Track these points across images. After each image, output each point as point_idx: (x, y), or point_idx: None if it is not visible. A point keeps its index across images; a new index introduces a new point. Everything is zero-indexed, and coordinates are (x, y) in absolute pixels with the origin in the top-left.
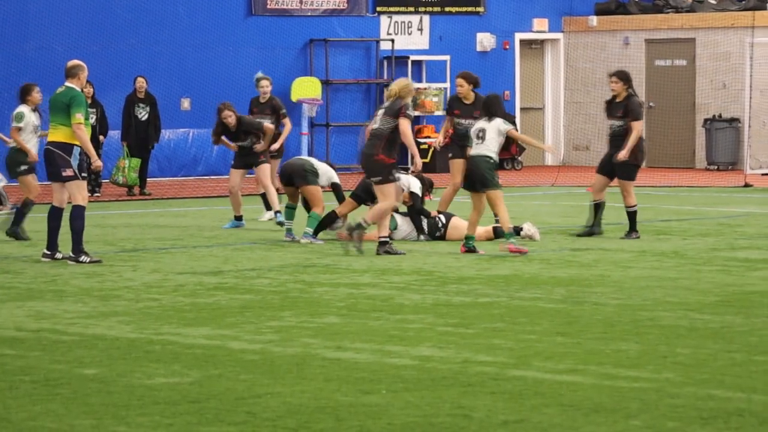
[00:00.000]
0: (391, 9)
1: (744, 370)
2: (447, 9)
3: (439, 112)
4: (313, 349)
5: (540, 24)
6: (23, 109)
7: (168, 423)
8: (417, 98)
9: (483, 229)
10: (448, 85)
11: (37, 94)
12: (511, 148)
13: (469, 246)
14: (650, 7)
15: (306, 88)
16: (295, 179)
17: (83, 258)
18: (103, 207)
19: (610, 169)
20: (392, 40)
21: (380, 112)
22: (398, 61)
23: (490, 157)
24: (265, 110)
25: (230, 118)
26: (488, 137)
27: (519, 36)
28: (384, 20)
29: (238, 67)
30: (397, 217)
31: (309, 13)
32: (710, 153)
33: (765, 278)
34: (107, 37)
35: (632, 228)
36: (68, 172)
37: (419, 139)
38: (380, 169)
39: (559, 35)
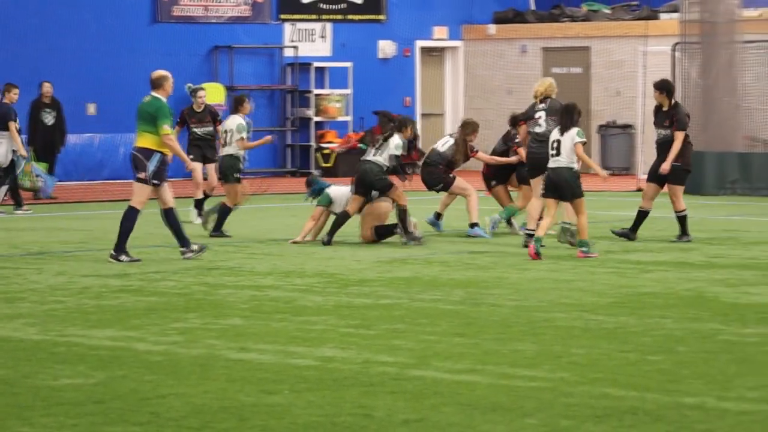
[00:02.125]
0: (295, 16)
1: (637, 369)
2: (349, 17)
3: (342, 118)
4: (216, 350)
5: (440, 32)
6: (241, 119)
7: (72, 423)
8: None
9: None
10: (350, 91)
11: (248, 105)
12: (412, 154)
13: (537, 250)
14: (547, 16)
15: (211, 94)
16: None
17: (123, 257)
18: (9, 210)
19: (660, 176)
20: (295, 47)
21: (541, 114)
22: (301, 67)
23: (573, 167)
24: (204, 119)
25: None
26: (564, 147)
27: (419, 43)
28: (287, 27)
29: (144, 73)
30: (331, 190)
31: (213, 20)
32: (604, 158)
33: (657, 280)
34: (13, 41)
35: (683, 232)
36: (141, 175)
37: (321, 144)
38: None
39: (458, 43)
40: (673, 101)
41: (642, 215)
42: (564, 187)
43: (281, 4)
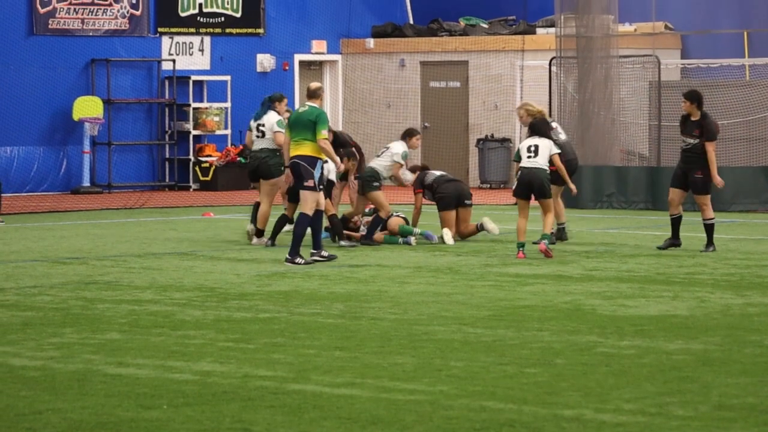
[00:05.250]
0: (173, 30)
1: (515, 382)
2: (228, 30)
3: (220, 131)
4: (94, 365)
5: (319, 46)
6: (405, 148)
7: None
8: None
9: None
10: (228, 104)
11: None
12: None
13: (524, 251)
14: (425, 30)
15: (88, 107)
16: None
17: (298, 260)
18: None
19: (684, 181)
20: (174, 60)
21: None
22: (179, 81)
23: (546, 169)
24: None
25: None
26: (541, 152)
27: (298, 57)
28: (165, 41)
29: (20, 87)
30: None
31: (91, 33)
32: (483, 172)
33: (535, 293)
34: None
35: (710, 241)
36: (309, 183)
37: (200, 158)
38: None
39: (337, 57)
40: (702, 111)
41: (676, 221)
42: (536, 186)
43: (159, 18)
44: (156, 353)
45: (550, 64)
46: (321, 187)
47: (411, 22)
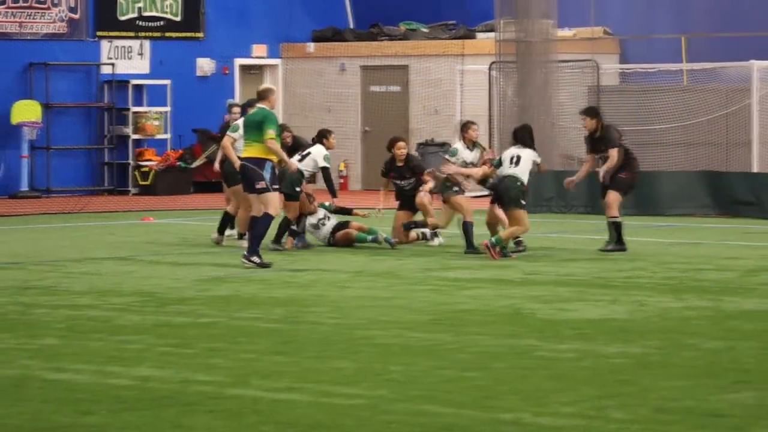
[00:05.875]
0: (112, 34)
1: (454, 386)
2: (167, 34)
3: (160, 136)
4: (31, 370)
5: (259, 50)
6: (326, 151)
7: None
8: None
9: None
10: (168, 108)
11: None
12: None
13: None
14: (366, 35)
15: (26, 111)
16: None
17: (255, 259)
18: None
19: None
20: (113, 64)
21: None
22: (119, 85)
23: (521, 180)
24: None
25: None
26: (522, 162)
27: (238, 61)
28: (105, 44)
29: None
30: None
31: (29, 37)
32: None
33: (474, 297)
34: None
35: (616, 240)
36: (261, 185)
37: (140, 162)
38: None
39: (277, 61)
40: (602, 123)
41: (617, 226)
42: (504, 195)
43: (98, 21)
44: (94, 358)
45: (489, 69)
46: (275, 187)
47: (351, 26)
